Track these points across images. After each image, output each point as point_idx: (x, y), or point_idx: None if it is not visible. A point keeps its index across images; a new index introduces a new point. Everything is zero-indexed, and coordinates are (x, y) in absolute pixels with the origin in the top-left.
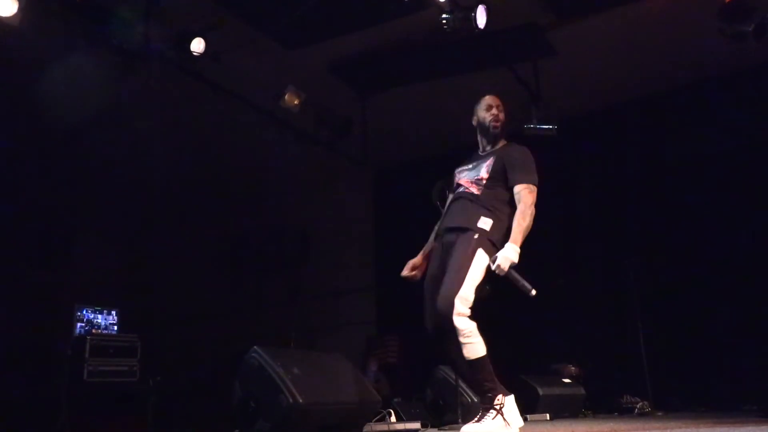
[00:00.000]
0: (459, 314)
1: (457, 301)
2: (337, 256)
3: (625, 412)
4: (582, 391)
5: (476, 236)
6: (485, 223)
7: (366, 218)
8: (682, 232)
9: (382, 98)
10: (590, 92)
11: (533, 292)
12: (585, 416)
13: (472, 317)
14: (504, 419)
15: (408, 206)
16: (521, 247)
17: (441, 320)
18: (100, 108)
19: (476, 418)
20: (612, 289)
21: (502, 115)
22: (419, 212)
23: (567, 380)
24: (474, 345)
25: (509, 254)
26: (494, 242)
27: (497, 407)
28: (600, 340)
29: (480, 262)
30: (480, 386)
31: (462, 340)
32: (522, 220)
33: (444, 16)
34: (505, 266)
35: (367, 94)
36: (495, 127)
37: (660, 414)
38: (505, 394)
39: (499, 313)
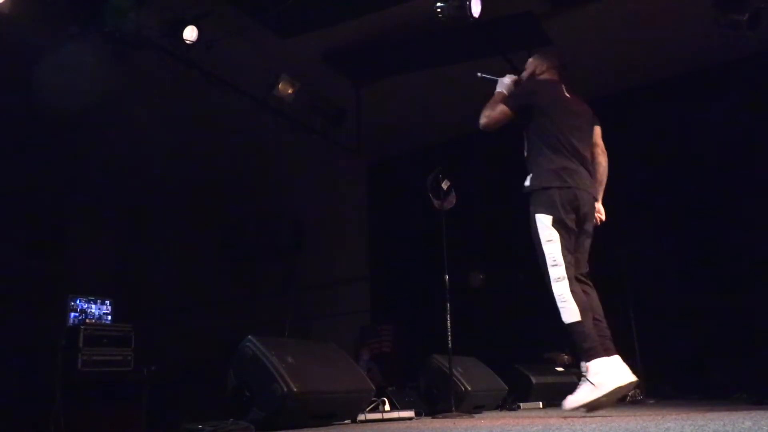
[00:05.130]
0: (556, 280)
1: (550, 270)
2: (332, 246)
3: (617, 400)
4: (575, 379)
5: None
6: (528, 180)
7: (360, 208)
8: (675, 221)
9: (376, 88)
10: (585, 82)
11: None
12: None
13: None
14: (591, 383)
15: (402, 196)
16: None
17: None
18: (93, 96)
19: None
20: (604, 278)
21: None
22: (413, 202)
23: (560, 368)
24: (564, 310)
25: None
26: (542, 189)
27: (584, 373)
28: None
29: (543, 223)
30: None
31: (557, 304)
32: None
33: (439, 4)
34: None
35: (362, 83)
36: None
37: (652, 402)
38: (594, 357)
39: (493, 302)
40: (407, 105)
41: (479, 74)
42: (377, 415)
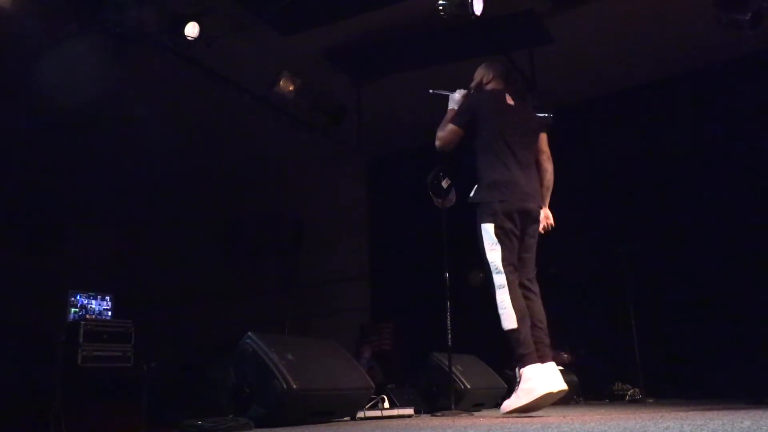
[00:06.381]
0: (498, 287)
1: (493, 277)
2: (332, 243)
3: (616, 399)
4: (574, 378)
5: (477, 212)
6: (474, 191)
7: (361, 205)
8: (676, 220)
9: (377, 85)
10: (587, 80)
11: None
12: (577, 403)
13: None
14: (521, 389)
15: (403, 194)
16: None
17: None
18: (93, 93)
19: None
20: (605, 277)
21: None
22: (414, 200)
23: (559, 367)
24: (503, 317)
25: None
26: (483, 204)
27: (517, 379)
28: (592, 328)
29: (486, 232)
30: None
31: (498, 311)
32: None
33: (440, 2)
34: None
35: (363, 80)
36: None
37: (651, 401)
38: (527, 364)
39: (492, 301)
40: (408, 103)
41: (431, 91)
42: (376, 413)
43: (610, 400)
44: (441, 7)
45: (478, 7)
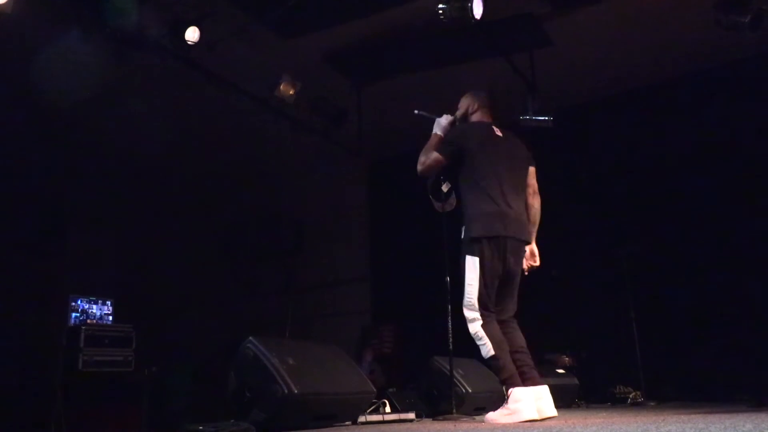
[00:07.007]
0: (470, 321)
1: (464, 310)
2: (332, 246)
3: (618, 402)
4: (575, 381)
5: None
6: (463, 230)
7: (361, 208)
8: (677, 223)
9: (377, 88)
10: (586, 83)
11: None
12: (578, 406)
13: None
14: (508, 408)
15: (403, 197)
16: None
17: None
18: (94, 96)
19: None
20: (606, 280)
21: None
22: (414, 203)
23: (560, 370)
24: (481, 347)
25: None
26: (470, 238)
27: (507, 398)
28: (594, 331)
29: (470, 265)
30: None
31: (475, 342)
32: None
33: (440, 5)
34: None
35: (363, 83)
36: None
37: (653, 404)
38: (513, 386)
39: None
40: (408, 106)
41: (416, 111)
42: (378, 417)
43: (612, 403)
44: (441, 11)
45: (478, 11)
